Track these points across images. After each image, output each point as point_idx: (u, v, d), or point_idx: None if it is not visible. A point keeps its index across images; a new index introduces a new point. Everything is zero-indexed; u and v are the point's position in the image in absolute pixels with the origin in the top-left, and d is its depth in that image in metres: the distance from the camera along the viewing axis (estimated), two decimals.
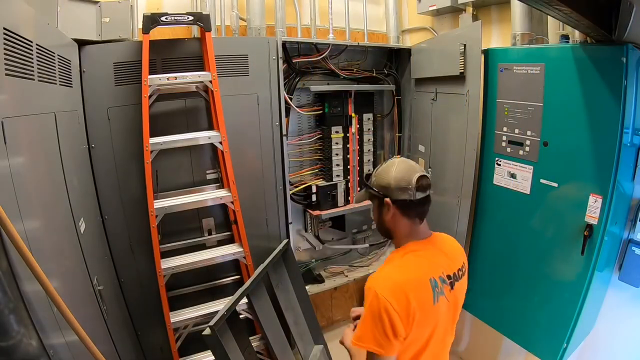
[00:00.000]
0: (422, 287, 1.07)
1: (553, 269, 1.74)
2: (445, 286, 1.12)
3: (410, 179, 1.10)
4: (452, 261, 1.18)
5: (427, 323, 1.08)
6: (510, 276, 1.96)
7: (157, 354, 2.13)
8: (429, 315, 1.07)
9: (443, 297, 1.10)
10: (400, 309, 1.01)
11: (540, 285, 1.80)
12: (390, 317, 1.01)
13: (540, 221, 1.78)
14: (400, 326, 1.01)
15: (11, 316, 0.83)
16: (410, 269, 1.09)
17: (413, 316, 1.03)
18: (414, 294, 1.04)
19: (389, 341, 1.02)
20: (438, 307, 1.09)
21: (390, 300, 1.01)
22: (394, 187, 1.12)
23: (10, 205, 0.88)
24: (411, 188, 1.10)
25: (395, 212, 1.13)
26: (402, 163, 1.16)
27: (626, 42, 1.36)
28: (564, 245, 1.67)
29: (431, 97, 2.31)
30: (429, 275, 1.09)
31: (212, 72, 1.88)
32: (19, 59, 1.02)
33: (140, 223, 1.93)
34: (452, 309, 1.17)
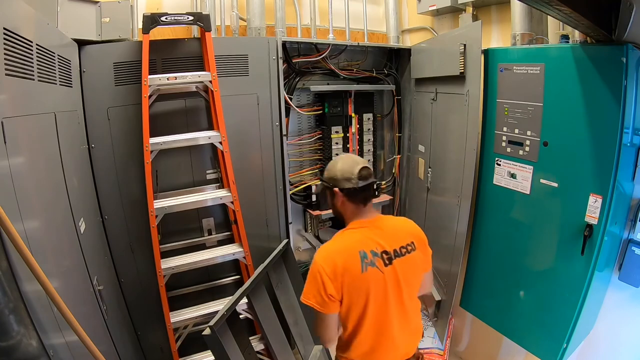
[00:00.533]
0: (350, 256, 1.26)
1: (553, 269, 1.74)
2: (378, 259, 1.29)
3: (353, 171, 1.31)
4: (392, 239, 1.33)
5: (358, 289, 1.26)
6: (510, 276, 1.96)
7: (157, 354, 2.13)
8: (357, 281, 1.25)
9: (373, 269, 1.27)
10: (329, 272, 1.23)
11: (540, 286, 1.80)
12: (322, 277, 1.23)
13: (540, 221, 1.78)
14: (330, 286, 1.23)
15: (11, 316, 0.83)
16: (342, 242, 1.31)
17: (341, 279, 1.23)
18: (342, 261, 1.24)
19: (324, 300, 1.24)
20: (366, 276, 1.26)
21: (322, 264, 1.24)
22: (340, 178, 1.33)
23: (10, 205, 0.88)
24: (354, 178, 1.30)
25: (343, 199, 1.34)
26: (347, 157, 1.38)
27: (626, 42, 1.36)
28: (563, 245, 1.67)
29: (431, 97, 2.31)
30: (359, 247, 1.27)
31: (212, 72, 1.88)
32: (19, 59, 1.02)
33: (140, 223, 1.93)
34: (392, 282, 1.31)
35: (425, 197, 2.43)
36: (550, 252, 1.74)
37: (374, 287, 1.28)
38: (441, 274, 2.25)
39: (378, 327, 1.32)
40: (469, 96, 1.89)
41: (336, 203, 1.37)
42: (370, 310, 1.29)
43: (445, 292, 2.19)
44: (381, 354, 1.36)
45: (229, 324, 1.72)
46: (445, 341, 2.60)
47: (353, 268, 1.25)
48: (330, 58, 2.47)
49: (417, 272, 1.40)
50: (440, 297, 2.23)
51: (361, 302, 1.28)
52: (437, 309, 2.27)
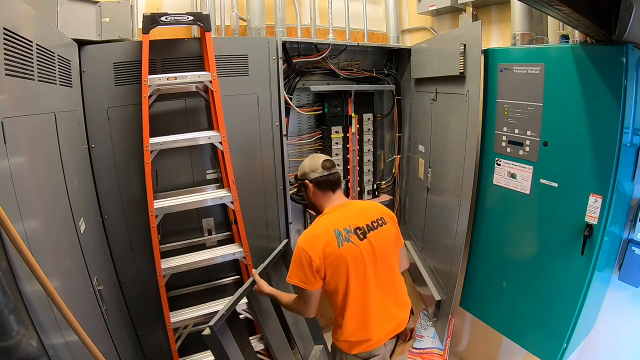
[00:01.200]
0: (327, 236, 1.44)
1: (553, 269, 1.74)
2: (352, 235, 1.46)
3: (318, 163, 1.55)
4: (362, 217, 1.52)
5: (337, 264, 1.42)
6: (510, 276, 1.96)
7: (157, 354, 2.13)
8: (336, 257, 1.42)
9: (349, 244, 1.44)
10: (312, 252, 1.40)
11: (540, 285, 1.80)
12: (305, 257, 1.41)
13: (540, 221, 1.78)
14: (314, 263, 1.40)
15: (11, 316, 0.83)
16: (319, 226, 1.50)
17: (322, 256, 1.41)
18: (320, 241, 1.42)
19: (308, 277, 1.42)
20: (343, 251, 1.43)
21: (305, 246, 1.42)
22: (308, 172, 1.56)
23: (10, 205, 0.88)
24: (319, 168, 1.54)
25: (313, 189, 1.56)
26: (312, 156, 1.64)
27: (626, 42, 1.36)
28: (563, 245, 1.67)
29: (431, 97, 2.31)
30: (333, 227, 1.45)
31: (212, 72, 1.88)
32: (19, 59, 1.02)
33: (140, 223, 1.93)
34: (369, 254, 1.48)
35: (425, 197, 2.43)
36: (550, 252, 1.74)
37: (351, 260, 1.44)
38: (441, 274, 2.25)
39: (363, 300, 1.47)
40: (469, 96, 1.89)
41: (309, 194, 1.59)
42: (352, 283, 1.44)
43: (445, 292, 2.19)
44: (370, 327, 1.48)
45: (229, 324, 1.72)
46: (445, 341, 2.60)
47: (331, 245, 1.42)
48: (330, 58, 2.47)
49: (392, 243, 1.58)
50: (440, 297, 2.23)
51: (343, 276, 1.44)
52: (437, 309, 2.27)
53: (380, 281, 1.50)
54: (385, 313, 1.52)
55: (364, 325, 1.48)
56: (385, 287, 1.53)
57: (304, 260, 1.42)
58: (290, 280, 1.47)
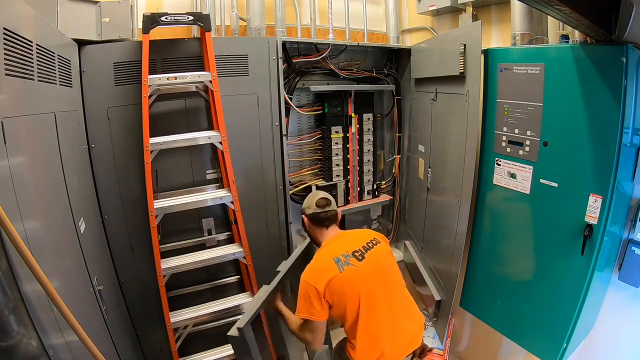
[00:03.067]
0: (328, 265, 1.51)
1: (553, 269, 1.74)
2: (351, 258, 1.54)
3: (313, 201, 1.69)
4: (356, 241, 1.62)
5: (342, 288, 1.48)
6: (510, 276, 1.96)
7: (157, 354, 2.13)
8: (339, 283, 1.48)
9: (349, 267, 1.52)
10: (316, 282, 1.47)
11: (540, 285, 1.80)
12: (311, 289, 1.47)
13: (540, 221, 1.78)
14: (319, 292, 1.46)
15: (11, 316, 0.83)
16: (319, 259, 1.58)
17: (326, 284, 1.47)
18: (323, 271, 1.50)
19: (315, 307, 1.48)
20: (345, 275, 1.49)
21: (309, 279, 1.49)
22: (305, 207, 1.73)
23: (10, 205, 0.88)
24: (313, 206, 1.68)
25: (308, 223, 1.73)
26: (313, 192, 1.80)
27: (626, 42, 1.36)
28: (563, 245, 1.67)
29: (431, 97, 2.31)
30: (331, 257, 1.53)
31: (212, 72, 1.88)
32: (19, 59, 1.02)
33: (140, 223, 1.93)
34: (372, 272, 1.54)
35: (425, 197, 2.43)
36: (550, 252, 1.74)
37: (355, 282, 1.50)
38: (441, 274, 2.25)
39: (374, 317, 1.50)
40: (469, 96, 1.89)
41: (307, 228, 1.75)
42: (361, 303, 1.49)
43: (445, 292, 2.19)
44: (383, 343, 1.50)
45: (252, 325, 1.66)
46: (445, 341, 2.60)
47: (333, 272, 1.49)
48: (330, 58, 2.47)
49: (391, 258, 1.67)
50: (440, 297, 2.23)
51: (350, 298, 1.49)
52: (437, 309, 2.27)
53: (391, 294, 1.56)
54: (399, 328, 1.54)
55: (376, 343, 1.49)
56: (397, 299, 1.58)
57: (310, 292, 1.48)
58: (300, 314, 1.52)
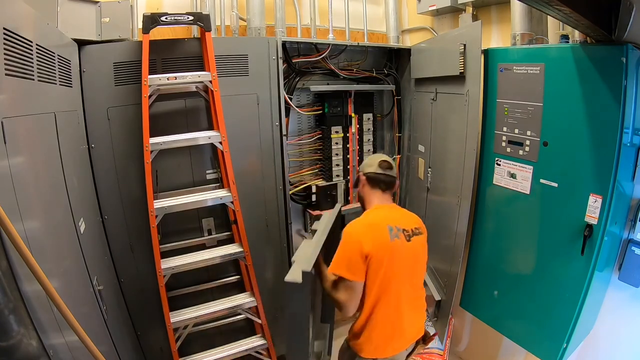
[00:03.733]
0: (381, 227, 1.48)
1: (553, 269, 1.74)
2: (400, 234, 1.51)
3: (376, 160, 1.63)
4: (407, 221, 1.59)
5: (383, 255, 1.44)
6: (511, 276, 1.96)
7: (157, 354, 2.13)
8: (386, 247, 1.45)
9: (399, 240, 1.49)
10: (364, 238, 1.43)
11: (540, 285, 1.80)
12: (356, 244, 1.42)
13: (540, 221, 1.78)
14: (364, 249, 1.41)
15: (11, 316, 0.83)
16: (372, 217, 1.55)
17: (373, 244, 1.43)
18: (374, 229, 1.47)
19: (355, 265, 1.42)
20: (393, 245, 1.47)
21: (356, 233, 1.46)
22: (365, 165, 1.66)
23: (10, 205, 0.88)
24: (375, 165, 1.62)
25: (364, 182, 1.64)
26: (375, 155, 1.71)
27: (626, 42, 1.36)
28: (563, 245, 1.67)
29: (431, 97, 2.31)
30: (386, 222, 1.50)
31: (212, 72, 1.88)
32: (19, 59, 1.02)
33: (140, 223, 1.93)
34: (410, 257, 1.53)
35: (425, 197, 2.43)
36: (550, 252, 1.74)
37: (397, 256, 1.47)
38: (441, 274, 2.25)
39: (396, 299, 1.48)
40: (469, 96, 1.89)
41: (360, 187, 1.67)
42: (392, 279, 1.46)
43: (445, 292, 2.19)
44: (402, 328, 1.52)
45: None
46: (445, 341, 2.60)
47: (382, 237, 1.46)
48: (330, 58, 2.47)
49: (425, 252, 1.64)
50: (440, 297, 2.23)
51: (387, 272, 1.45)
52: (437, 309, 2.27)
53: (414, 284, 1.58)
54: (413, 316, 1.56)
55: (394, 325, 1.50)
56: (417, 290, 1.61)
57: (353, 247, 1.42)
58: (335, 270, 1.43)
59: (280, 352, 2.49)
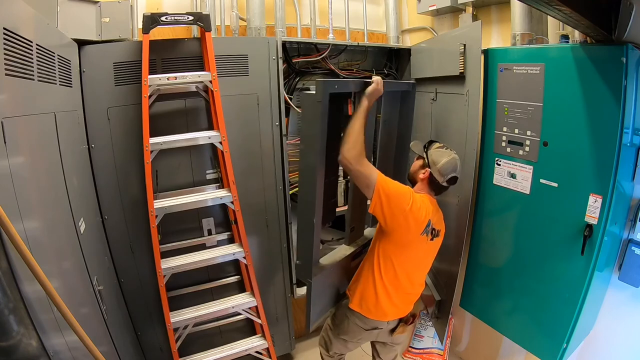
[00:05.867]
0: (424, 219, 1.60)
1: (553, 269, 1.74)
2: (430, 233, 1.65)
3: (448, 174, 1.65)
4: (438, 221, 1.73)
5: (412, 237, 1.61)
6: (510, 276, 1.96)
7: (157, 354, 2.13)
8: (415, 232, 1.59)
9: (426, 237, 1.64)
10: (415, 206, 1.56)
11: (540, 285, 1.80)
12: (410, 198, 1.57)
13: (540, 221, 1.78)
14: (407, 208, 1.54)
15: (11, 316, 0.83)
16: (425, 204, 1.62)
17: (413, 218, 1.57)
18: (419, 213, 1.58)
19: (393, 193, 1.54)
20: (421, 238, 1.62)
21: (416, 199, 1.59)
22: (436, 168, 1.65)
23: (10, 205, 0.88)
24: (443, 180, 1.65)
25: (425, 178, 1.71)
26: (453, 160, 1.66)
27: (626, 42, 1.36)
28: (563, 245, 1.67)
29: (431, 97, 2.30)
30: (429, 217, 1.62)
31: (212, 72, 1.88)
32: (19, 59, 1.02)
33: (140, 223, 1.93)
34: (426, 255, 1.74)
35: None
36: (550, 252, 1.74)
37: (419, 247, 1.66)
38: (441, 274, 2.25)
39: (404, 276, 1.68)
40: (469, 96, 1.89)
41: (418, 173, 1.73)
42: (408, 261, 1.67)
43: (445, 292, 2.19)
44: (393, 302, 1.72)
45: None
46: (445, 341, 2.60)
47: (420, 225, 1.60)
48: (330, 58, 2.46)
49: (436, 253, 1.80)
50: (440, 297, 2.23)
51: (408, 253, 1.66)
52: (437, 309, 2.27)
53: (419, 277, 1.79)
54: (405, 301, 1.78)
55: (388, 299, 1.70)
56: (417, 287, 1.81)
57: (406, 197, 1.56)
58: (381, 176, 1.55)
59: (280, 352, 2.49)
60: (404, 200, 1.55)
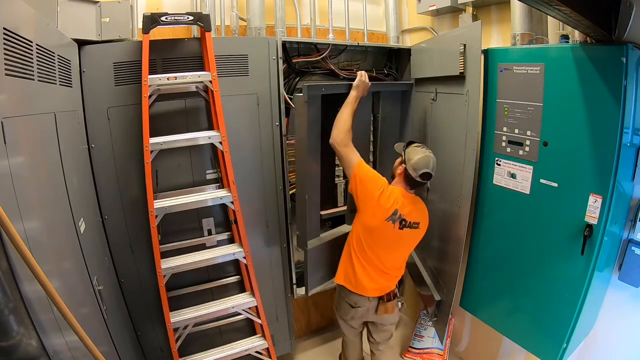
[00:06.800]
0: (390, 207, 1.81)
1: (553, 269, 1.74)
2: (398, 222, 1.83)
3: (421, 169, 1.79)
4: (412, 214, 1.86)
5: (378, 223, 1.82)
6: (510, 276, 1.96)
7: (157, 354, 2.13)
8: (380, 219, 1.81)
9: (392, 224, 1.83)
10: (385, 193, 1.80)
11: (540, 285, 1.80)
12: (383, 184, 1.82)
13: (540, 221, 1.78)
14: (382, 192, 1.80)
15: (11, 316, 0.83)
16: (395, 194, 1.84)
17: (382, 204, 1.79)
18: (386, 203, 1.80)
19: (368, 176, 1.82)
20: (387, 224, 1.82)
21: (389, 187, 1.84)
22: (410, 164, 1.81)
23: (10, 205, 0.88)
24: (417, 174, 1.79)
25: (401, 172, 1.88)
26: (426, 157, 1.81)
27: (626, 42, 1.36)
28: (563, 245, 1.67)
29: (431, 97, 2.30)
30: (397, 206, 1.82)
31: (212, 72, 1.88)
32: (19, 59, 1.02)
33: (140, 223, 1.93)
34: (394, 241, 1.88)
35: (425, 197, 2.43)
36: (550, 252, 1.74)
37: (385, 234, 1.84)
38: (441, 274, 2.25)
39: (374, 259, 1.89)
40: (469, 96, 1.89)
41: (397, 168, 1.92)
42: (377, 245, 1.87)
43: (445, 292, 2.19)
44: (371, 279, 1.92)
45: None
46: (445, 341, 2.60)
47: (385, 213, 1.80)
48: (330, 58, 2.46)
49: (413, 243, 1.96)
50: (440, 297, 2.23)
51: (373, 230, 1.85)
52: (437, 309, 2.27)
53: (392, 262, 1.94)
54: (381, 281, 1.95)
55: (366, 276, 1.91)
56: (393, 270, 1.96)
57: (380, 182, 1.81)
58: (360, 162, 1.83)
59: (280, 352, 2.49)
60: (375, 187, 1.80)
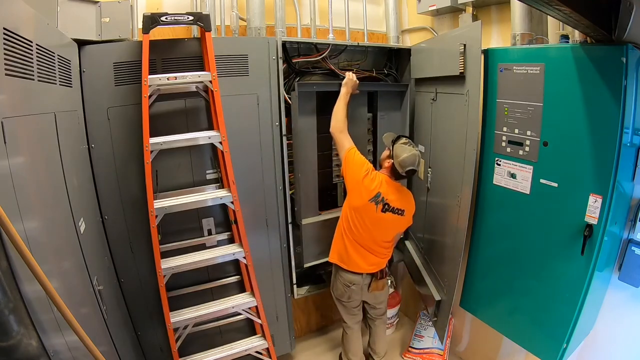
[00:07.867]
0: (373, 189, 2.01)
1: (553, 269, 1.74)
2: (380, 204, 2.01)
3: (407, 167, 1.97)
4: (396, 201, 2.05)
5: (361, 201, 2.02)
6: (510, 276, 1.96)
7: (157, 354, 2.13)
8: (364, 199, 2.01)
9: (374, 206, 2.01)
10: (370, 176, 2.02)
11: (540, 285, 1.80)
12: (369, 168, 2.04)
13: (540, 221, 1.78)
14: (367, 175, 2.02)
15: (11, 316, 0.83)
16: (378, 178, 2.04)
17: (367, 186, 2.01)
18: (370, 185, 2.01)
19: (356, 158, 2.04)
20: (370, 205, 2.01)
21: (375, 172, 2.05)
22: (397, 161, 1.99)
23: (10, 205, 0.88)
24: (403, 170, 1.99)
25: (389, 167, 2.06)
26: (413, 156, 1.98)
27: (626, 42, 1.36)
28: (563, 245, 1.67)
29: (431, 97, 2.30)
30: (380, 189, 2.02)
31: (212, 72, 1.88)
32: (19, 59, 1.02)
33: (140, 223, 1.93)
34: (381, 221, 2.05)
35: (425, 197, 2.43)
36: (550, 252, 1.74)
37: (368, 214, 2.03)
38: (441, 274, 2.25)
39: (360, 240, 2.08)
40: (469, 96, 1.88)
41: (385, 161, 2.09)
42: (362, 226, 2.05)
43: (445, 292, 2.19)
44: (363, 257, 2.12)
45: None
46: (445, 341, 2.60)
47: (369, 194, 2.00)
48: (330, 58, 2.46)
49: (396, 228, 2.13)
50: (440, 297, 2.23)
51: (359, 209, 2.03)
52: (437, 309, 2.27)
53: (377, 242, 2.10)
54: (370, 258, 2.12)
55: (357, 254, 2.10)
56: (380, 248, 2.13)
57: (368, 167, 2.03)
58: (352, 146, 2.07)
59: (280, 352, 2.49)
60: (360, 171, 2.01)
